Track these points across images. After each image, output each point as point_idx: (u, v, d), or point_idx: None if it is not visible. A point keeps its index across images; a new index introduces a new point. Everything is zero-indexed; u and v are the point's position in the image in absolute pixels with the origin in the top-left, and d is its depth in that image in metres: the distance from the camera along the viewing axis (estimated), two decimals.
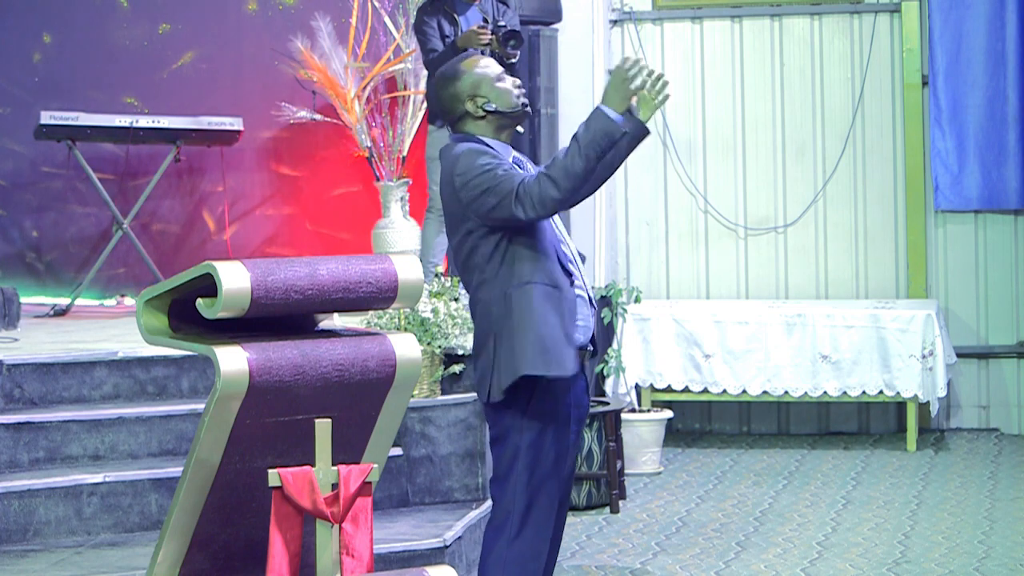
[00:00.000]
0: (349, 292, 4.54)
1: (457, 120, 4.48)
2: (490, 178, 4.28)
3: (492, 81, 4.42)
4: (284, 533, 4.36)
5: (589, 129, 4.18)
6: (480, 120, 4.44)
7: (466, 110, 4.44)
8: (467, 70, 4.44)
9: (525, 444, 4.38)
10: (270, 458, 4.51)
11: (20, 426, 5.97)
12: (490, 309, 4.39)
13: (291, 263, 4.49)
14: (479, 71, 4.44)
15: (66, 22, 9.66)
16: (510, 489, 4.40)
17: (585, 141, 4.16)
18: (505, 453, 4.42)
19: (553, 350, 4.32)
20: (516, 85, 4.47)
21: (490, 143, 4.43)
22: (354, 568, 4.40)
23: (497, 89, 4.43)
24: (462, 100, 4.43)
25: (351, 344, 4.57)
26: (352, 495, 4.41)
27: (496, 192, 4.26)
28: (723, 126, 9.45)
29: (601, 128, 4.17)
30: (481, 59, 4.49)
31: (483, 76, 4.43)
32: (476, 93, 4.42)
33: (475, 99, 4.42)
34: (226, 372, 4.32)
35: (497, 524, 4.44)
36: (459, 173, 4.35)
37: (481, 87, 4.42)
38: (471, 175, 4.31)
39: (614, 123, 4.18)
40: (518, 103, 4.44)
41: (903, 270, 9.22)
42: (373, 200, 8.90)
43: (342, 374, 4.51)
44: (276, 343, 4.44)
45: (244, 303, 4.34)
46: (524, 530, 4.39)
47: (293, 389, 4.43)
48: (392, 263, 4.65)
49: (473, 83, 4.42)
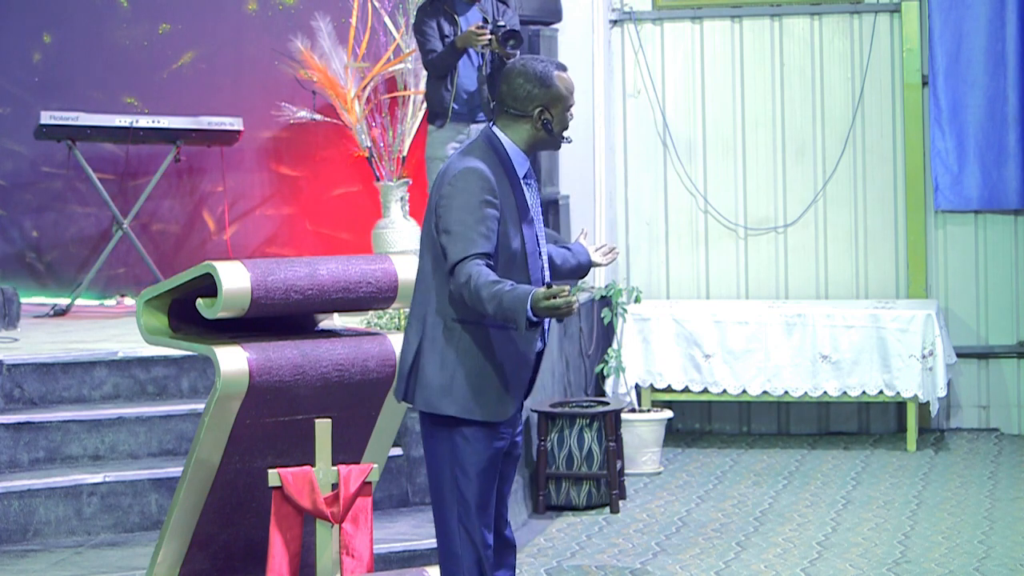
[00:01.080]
0: (349, 292, 4.54)
1: (511, 112, 4.42)
2: (461, 224, 4.24)
3: (565, 105, 4.43)
4: (284, 533, 4.36)
5: (511, 306, 4.12)
6: (529, 128, 4.41)
7: (528, 113, 4.40)
8: (559, 84, 4.41)
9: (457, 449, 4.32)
10: (270, 458, 4.51)
11: (20, 426, 5.97)
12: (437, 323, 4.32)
13: (291, 263, 4.49)
14: (564, 92, 4.42)
15: (66, 22, 9.65)
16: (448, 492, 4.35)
17: (503, 305, 4.13)
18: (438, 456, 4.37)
19: (489, 398, 4.31)
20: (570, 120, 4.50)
21: (512, 155, 4.39)
22: (354, 568, 4.41)
23: (564, 117, 4.43)
24: (534, 103, 4.39)
25: (351, 344, 4.58)
26: (352, 495, 4.41)
27: (452, 243, 4.23)
28: (723, 126, 9.44)
29: (515, 315, 4.13)
30: (570, 81, 4.47)
31: (563, 99, 4.42)
32: (549, 107, 4.40)
33: (544, 111, 4.40)
34: (226, 372, 4.32)
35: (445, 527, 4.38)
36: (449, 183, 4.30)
37: (556, 106, 4.40)
38: (454, 200, 4.28)
39: (523, 323, 4.14)
40: (564, 136, 4.47)
41: (903, 270, 9.21)
42: (373, 200, 8.89)
43: (342, 374, 4.51)
44: (276, 343, 4.44)
45: (244, 303, 4.34)
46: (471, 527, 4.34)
47: (293, 389, 4.43)
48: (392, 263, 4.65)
49: (554, 97, 4.40)
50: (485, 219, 4.25)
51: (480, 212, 4.25)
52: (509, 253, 4.32)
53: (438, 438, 4.35)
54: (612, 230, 9.35)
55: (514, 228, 4.33)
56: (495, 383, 4.31)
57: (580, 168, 8.90)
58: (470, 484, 4.31)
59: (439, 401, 4.30)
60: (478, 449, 4.32)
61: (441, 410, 4.30)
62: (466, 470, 4.31)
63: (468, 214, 4.24)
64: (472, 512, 4.33)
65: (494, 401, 4.31)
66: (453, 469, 4.33)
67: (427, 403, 4.32)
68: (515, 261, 4.34)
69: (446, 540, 4.37)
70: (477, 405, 4.29)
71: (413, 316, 4.39)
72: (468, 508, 4.32)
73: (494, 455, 4.35)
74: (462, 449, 4.32)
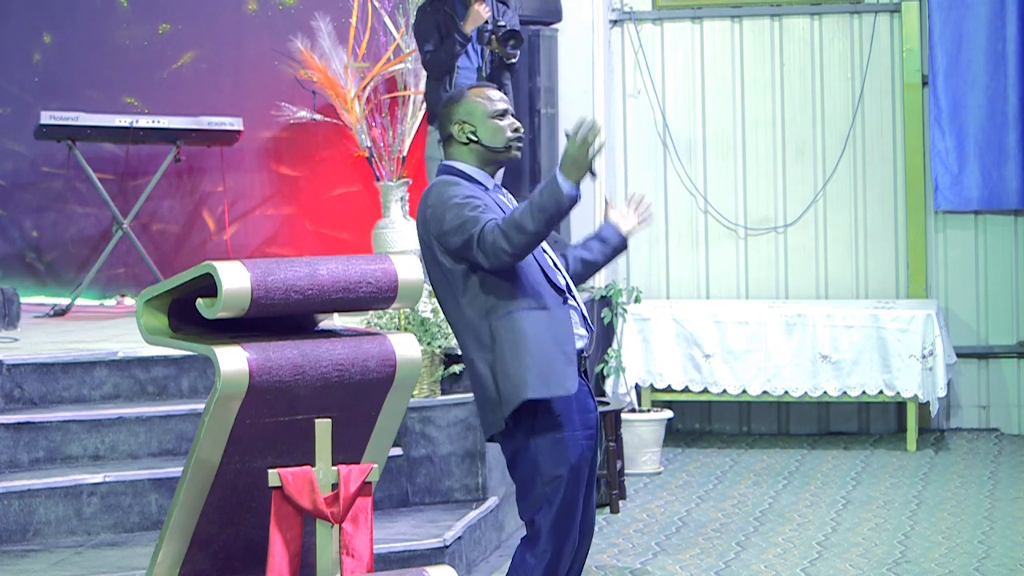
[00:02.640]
0: (349, 292, 4.54)
1: (444, 140, 4.53)
2: (455, 216, 4.30)
3: (486, 115, 4.45)
4: (284, 533, 4.36)
5: (543, 195, 4.21)
6: (463, 147, 4.47)
7: (451, 133, 4.48)
8: (467, 96, 4.48)
9: (540, 459, 4.38)
10: (270, 458, 4.51)
11: (20, 426, 5.97)
12: (478, 340, 4.38)
13: (291, 263, 4.49)
14: (477, 100, 4.46)
15: (66, 22, 9.66)
16: (534, 504, 4.42)
17: (538, 205, 4.20)
18: (523, 472, 4.44)
19: (551, 372, 4.33)
20: (513, 129, 4.47)
21: (470, 172, 4.45)
22: (354, 568, 4.40)
23: (488, 124, 4.45)
24: (452, 122, 4.48)
25: (351, 344, 4.57)
26: (352, 495, 4.41)
27: (460, 232, 4.29)
28: (723, 126, 9.45)
29: (554, 199, 4.20)
30: (489, 91, 4.50)
31: (478, 106, 4.46)
32: (466, 120, 4.45)
33: (463, 125, 4.45)
34: (226, 372, 4.32)
35: (530, 537, 4.45)
36: (430, 204, 4.39)
37: (473, 116, 4.45)
38: (440, 209, 4.34)
39: (566, 196, 4.20)
40: (505, 143, 4.46)
41: (903, 270, 9.22)
42: (373, 200, 8.89)
43: (342, 374, 4.51)
44: (276, 343, 4.44)
45: (244, 303, 4.34)
46: (551, 539, 4.40)
47: (293, 389, 4.43)
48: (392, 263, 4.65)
49: (467, 110, 4.46)
50: (474, 203, 4.31)
51: (469, 202, 4.31)
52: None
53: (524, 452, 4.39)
54: None
55: None
56: (551, 357, 4.32)
57: None
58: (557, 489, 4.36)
59: (520, 394, 4.30)
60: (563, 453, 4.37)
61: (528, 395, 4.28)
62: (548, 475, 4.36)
63: (458, 206, 4.30)
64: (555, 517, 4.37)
65: (560, 373, 4.32)
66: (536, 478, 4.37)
67: (511, 402, 4.32)
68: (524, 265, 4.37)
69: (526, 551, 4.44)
70: (549, 383, 4.29)
71: (464, 356, 4.45)
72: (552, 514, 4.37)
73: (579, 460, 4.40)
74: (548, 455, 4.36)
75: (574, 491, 4.41)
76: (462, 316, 4.41)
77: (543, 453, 4.39)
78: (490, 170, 4.50)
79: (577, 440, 4.42)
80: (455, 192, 4.36)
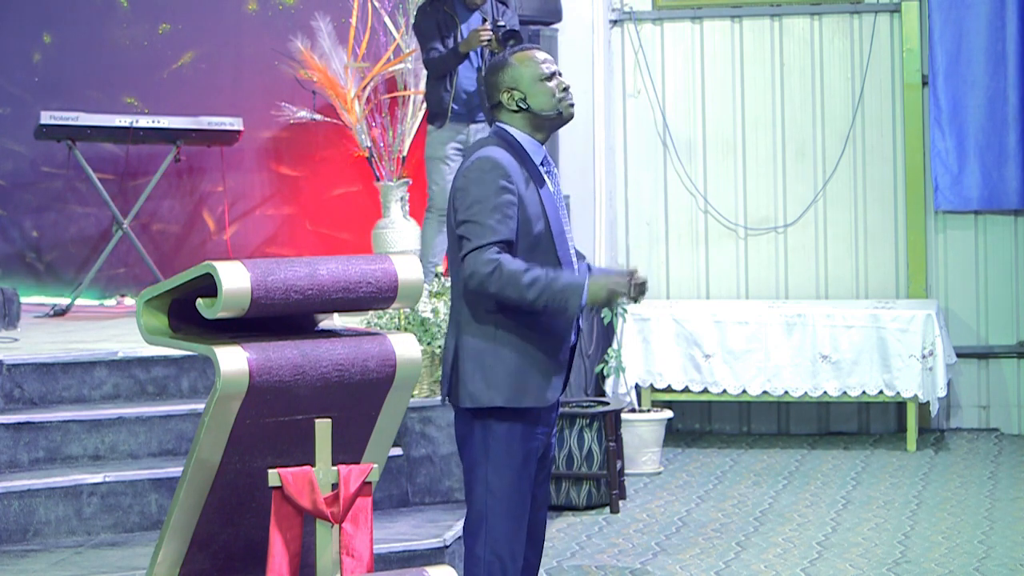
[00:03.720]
0: (349, 292, 4.54)
1: (493, 109, 4.44)
2: (476, 214, 4.23)
3: (534, 78, 4.38)
4: (284, 533, 4.36)
5: (560, 293, 4.18)
6: (515, 114, 4.40)
7: (500, 101, 4.40)
8: (513, 63, 4.40)
9: (491, 445, 4.35)
10: (270, 458, 4.51)
11: (20, 426, 5.97)
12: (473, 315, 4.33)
13: (291, 263, 4.49)
14: (524, 64, 4.39)
15: (66, 22, 9.65)
16: (479, 490, 4.38)
17: (549, 294, 4.18)
18: (472, 454, 4.39)
19: (530, 383, 4.31)
20: (562, 88, 4.41)
21: (521, 141, 4.39)
22: (354, 568, 4.40)
23: (537, 87, 4.37)
24: (499, 90, 4.39)
25: (351, 344, 4.57)
26: (352, 495, 4.41)
27: (468, 236, 4.24)
28: (723, 126, 9.45)
29: (565, 304, 4.19)
30: (534, 52, 4.43)
31: (525, 71, 4.38)
32: (514, 87, 4.38)
33: (512, 92, 4.38)
34: (226, 372, 4.32)
35: (471, 528, 4.42)
36: (468, 180, 4.29)
37: (521, 82, 4.38)
38: (468, 193, 4.27)
39: (575, 309, 4.20)
40: (556, 106, 4.40)
41: (903, 270, 9.22)
42: (373, 200, 8.89)
43: (342, 374, 4.51)
44: (276, 343, 4.44)
45: (244, 303, 4.34)
46: (497, 531, 4.36)
47: (293, 389, 4.43)
48: (392, 263, 4.65)
49: (514, 76, 4.38)
50: (501, 205, 4.23)
51: (496, 199, 4.23)
52: (532, 237, 4.30)
53: (476, 436, 4.36)
54: (612, 230, 9.36)
55: (536, 211, 4.31)
56: (536, 368, 4.31)
57: (580, 168, 8.91)
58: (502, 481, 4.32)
59: (483, 395, 4.30)
60: (513, 445, 4.32)
61: (487, 403, 4.29)
62: (499, 467, 4.32)
63: (483, 202, 4.23)
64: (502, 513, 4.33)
65: (536, 387, 4.31)
66: (486, 466, 4.33)
67: (472, 399, 4.32)
68: (540, 244, 4.31)
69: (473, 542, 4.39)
70: (522, 392, 4.29)
71: (451, 318, 4.42)
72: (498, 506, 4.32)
73: (528, 453, 4.36)
74: (497, 445, 4.32)
75: (523, 484, 4.36)
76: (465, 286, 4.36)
77: (496, 440, 4.34)
78: (541, 136, 4.42)
79: (535, 435, 4.39)
80: (492, 184, 4.24)
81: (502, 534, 4.35)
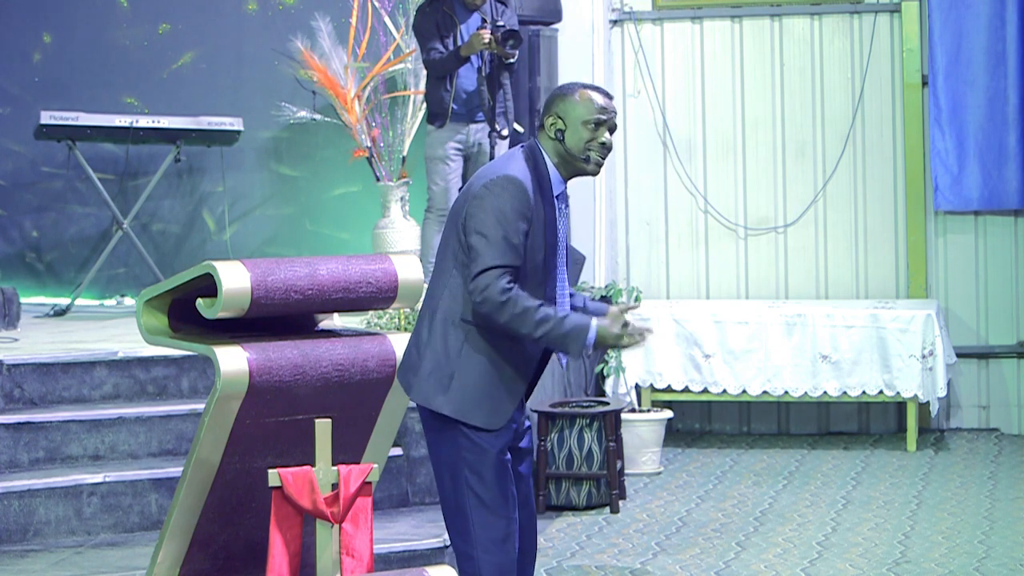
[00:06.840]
0: (349, 292, 4.54)
1: (539, 127, 4.46)
2: (492, 229, 4.23)
3: (580, 118, 4.36)
4: (284, 533, 4.36)
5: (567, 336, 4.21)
6: (550, 140, 4.40)
7: (543, 122, 4.42)
8: (573, 95, 4.39)
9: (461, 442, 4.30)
10: (270, 458, 4.51)
11: (20, 426, 5.97)
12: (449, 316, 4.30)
13: (291, 263, 4.49)
14: (579, 103, 4.38)
15: (66, 22, 9.65)
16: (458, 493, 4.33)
17: (556, 335, 4.21)
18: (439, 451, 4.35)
19: (498, 407, 4.30)
20: (600, 142, 4.39)
21: (547, 168, 4.37)
22: (354, 568, 4.41)
23: (578, 127, 4.36)
24: (549, 113, 4.40)
25: (351, 344, 4.58)
26: (352, 495, 4.41)
27: (482, 247, 4.22)
28: (723, 126, 9.45)
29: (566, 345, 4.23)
30: (596, 96, 4.40)
31: (576, 110, 4.37)
32: (561, 116, 4.38)
33: (556, 120, 4.38)
34: (226, 372, 4.32)
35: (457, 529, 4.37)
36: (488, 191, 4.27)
37: (568, 115, 4.37)
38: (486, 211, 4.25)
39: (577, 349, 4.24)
40: (584, 152, 4.38)
41: (903, 270, 9.22)
42: (373, 200, 8.89)
43: (342, 374, 4.51)
44: (276, 343, 4.44)
45: (244, 303, 4.34)
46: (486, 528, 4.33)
47: (293, 389, 4.43)
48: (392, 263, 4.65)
49: (565, 108, 4.38)
50: (518, 232, 4.24)
51: (514, 224, 4.24)
52: (532, 266, 4.30)
53: (442, 436, 4.34)
54: (612, 230, 9.36)
55: (539, 243, 4.31)
56: (493, 390, 4.29)
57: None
58: (483, 484, 4.30)
59: (435, 398, 4.29)
60: (484, 450, 4.30)
61: (436, 408, 4.29)
62: (478, 471, 4.30)
63: (503, 222, 4.22)
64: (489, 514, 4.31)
65: (488, 409, 4.29)
66: (463, 471, 4.30)
67: (424, 397, 4.32)
68: (535, 275, 4.32)
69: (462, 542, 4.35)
70: (472, 409, 4.27)
71: (425, 307, 4.38)
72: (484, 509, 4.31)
73: (500, 451, 4.34)
74: (469, 450, 4.30)
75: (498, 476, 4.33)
76: (447, 286, 4.32)
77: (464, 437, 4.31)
78: (564, 172, 4.41)
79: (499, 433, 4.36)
80: (515, 209, 4.25)
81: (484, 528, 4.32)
